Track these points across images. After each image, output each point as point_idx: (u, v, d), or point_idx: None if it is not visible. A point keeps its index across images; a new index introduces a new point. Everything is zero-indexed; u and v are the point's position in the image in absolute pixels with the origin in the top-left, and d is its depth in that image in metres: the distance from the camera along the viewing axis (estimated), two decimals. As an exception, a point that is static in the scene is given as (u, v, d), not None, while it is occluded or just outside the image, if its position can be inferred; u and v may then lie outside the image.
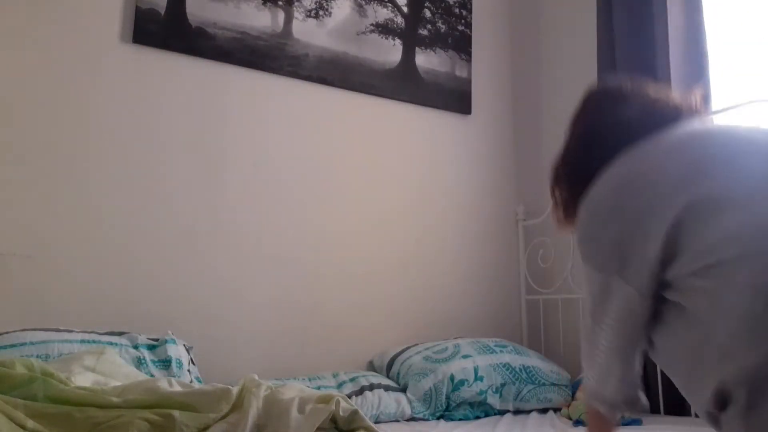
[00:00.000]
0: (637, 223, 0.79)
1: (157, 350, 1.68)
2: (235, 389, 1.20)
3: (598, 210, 0.87)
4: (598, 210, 0.87)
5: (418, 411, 1.84)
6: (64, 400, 1.11)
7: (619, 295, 0.82)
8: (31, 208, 1.79)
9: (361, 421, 1.18)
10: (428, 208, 2.51)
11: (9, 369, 1.15)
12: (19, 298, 1.74)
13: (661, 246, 0.75)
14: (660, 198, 0.77)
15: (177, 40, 2.05)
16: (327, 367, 2.15)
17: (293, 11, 2.28)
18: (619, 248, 0.81)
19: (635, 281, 0.79)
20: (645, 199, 0.79)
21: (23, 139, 1.81)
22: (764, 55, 1.94)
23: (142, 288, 1.91)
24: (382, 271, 2.36)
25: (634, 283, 0.79)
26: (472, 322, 2.52)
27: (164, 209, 1.98)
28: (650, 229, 0.76)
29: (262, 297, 2.10)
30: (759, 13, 1.98)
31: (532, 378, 1.99)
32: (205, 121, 2.09)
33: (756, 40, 1.97)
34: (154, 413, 1.09)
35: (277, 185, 2.19)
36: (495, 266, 2.64)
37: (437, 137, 2.59)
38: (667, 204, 0.75)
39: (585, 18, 2.56)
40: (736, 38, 2.04)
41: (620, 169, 0.87)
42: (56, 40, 1.88)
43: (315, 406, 1.17)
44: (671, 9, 2.05)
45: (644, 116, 0.94)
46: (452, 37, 2.67)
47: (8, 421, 1.03)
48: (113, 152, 1.93)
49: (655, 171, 0.82)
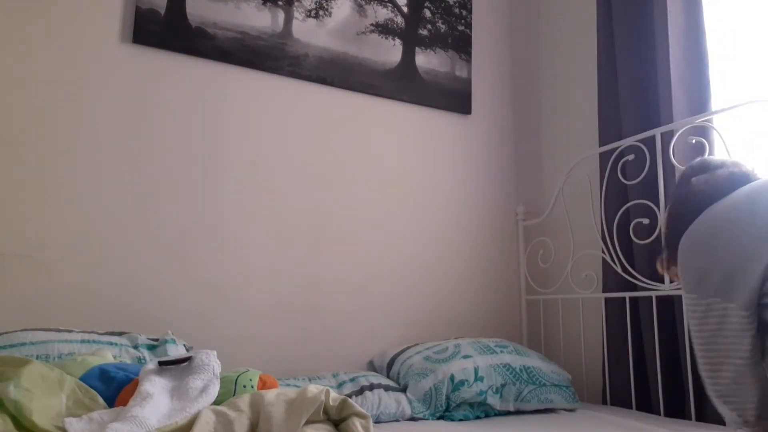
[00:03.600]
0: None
1: (157, 350, 1.69)
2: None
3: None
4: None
5: (418, 411, 1.84)
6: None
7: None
8: (31, 208, 1.79)
9: (351, 408, 1.18)
10: (428, 208, 2.51)
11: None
12: (19, 297, 1.74)
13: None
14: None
15: (177, 40, 2.05)
16: (327, 367, 2.15)
17: (293, 11, 2.28)
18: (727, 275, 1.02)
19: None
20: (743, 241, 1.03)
21: (23, 139, 1.81)
22: (764, 55, 1.94)
23: (142, 288, 1.91)
24: (382, 271, 2.36)
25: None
26: (472, 322, 2.52)
27: (164, 209, 1.98)
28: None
29: (262, 297, 2.10)
30: (759, 13, 1.98)
31: (533, 378, 1.99)
32: (204, 121, 2.09)
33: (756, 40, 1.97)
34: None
35: (277, 185, 2.19)
36: (495, 266, 2.64)
37: (437, 137, 2.59)
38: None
39: (585, 18, 2.57)
40: (736, 38, 2.04)
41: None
42: (56, 39, 1.88)
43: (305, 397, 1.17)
44: (671, 9, 2.05)
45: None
46: (452, 37, 2.67)
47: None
48: (113, 152, 1.93)
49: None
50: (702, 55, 2.01)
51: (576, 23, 2.65)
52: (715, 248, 1.05)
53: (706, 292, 1.03)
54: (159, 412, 1.16)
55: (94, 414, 1.17)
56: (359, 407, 1.19)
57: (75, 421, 1.13)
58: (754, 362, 0.98)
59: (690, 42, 2.05)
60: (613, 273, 2.18)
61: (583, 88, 2.58)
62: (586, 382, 2.33)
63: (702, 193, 1.18)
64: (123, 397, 1.27)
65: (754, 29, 1.99)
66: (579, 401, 2.04)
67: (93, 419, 1.14)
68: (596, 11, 2.37)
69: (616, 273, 2.15)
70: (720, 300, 1.00)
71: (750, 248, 0.99)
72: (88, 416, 1.15)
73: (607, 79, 2.30)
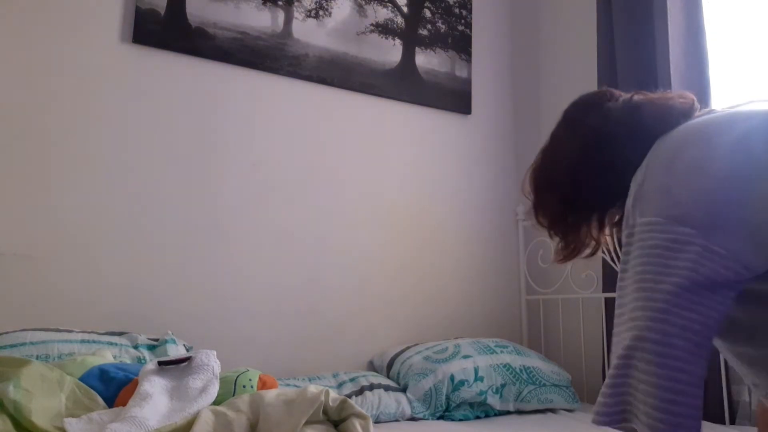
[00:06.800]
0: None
1: (157, 350, 1.69)
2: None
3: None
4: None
5: (418, 411, 1.84)
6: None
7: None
8: (31, 209, 1.79)
9: (351, 409, 1.18)
10: (428, 208, 2.51)
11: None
12: (19, 298, 1.74)
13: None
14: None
15: (177, 40, 2.05)
16: (327, 367, 2.15)
17: (293, 11, 2.28)
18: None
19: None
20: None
21: (23, 139, 1.81)
22: (764, 55, 1.94)
23: (142, 288, 1.91)
24: (382, 271, 2.36)
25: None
26: (472, 322, 2.52)
27: (164, 209, 1.98)
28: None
29: (262, 296, 2.10)
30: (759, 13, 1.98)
31: (533, 378, 1.99)
32: (204, 121, 2.09)
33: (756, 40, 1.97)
34: None
35: (277, 185, 2.19)
36: (495, 266, 2.64)
37: (437, 137, 2.59)
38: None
39: (585, 18, 2.57)
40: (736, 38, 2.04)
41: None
42: (56, 40, 1.88)
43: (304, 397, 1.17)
44: (671, 9, 2.05)
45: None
46: (452, 37, 2.67)
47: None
48: (113, 152, 1.93)
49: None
50: (702, 55, 2.01)
51: (576, 23, 2.65)
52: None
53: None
54: (158, 412, 1.16)
55: (93, 414, 1.17)
56: (359, 408, 1.19)
57: (74, 422, 1.13)
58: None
59: (690, 42, 2.04)
60: (613, 273, 2.18)
61: (583, 88, 2.56)
62: (586, 382, 2.32)
63: (648, 109, 0.91)
64: (122, 398, 1.27)
65: (754, 29, 1.99)
66: (579, 401, 2.04)
67: (92, 419, 1.15)
68: (596, 11, 2.36)
69: (616, 273, 2.15)
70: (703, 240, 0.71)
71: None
72: (87, 416, 1.16)
73: (607, 79, 2.29)
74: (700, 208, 0.72)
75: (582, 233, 0.98)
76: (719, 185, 0.72)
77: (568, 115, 1.01)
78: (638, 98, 0.95)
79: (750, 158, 0.73)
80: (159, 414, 1.16)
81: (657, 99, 0.94)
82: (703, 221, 0.72)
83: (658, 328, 0.70)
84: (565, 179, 0.97)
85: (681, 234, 0.72)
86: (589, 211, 0.97)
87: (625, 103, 0.95)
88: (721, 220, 0.71)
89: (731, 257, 0.70)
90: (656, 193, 0.77)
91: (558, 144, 1.01)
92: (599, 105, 0.97)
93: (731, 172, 0.73)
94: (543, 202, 1.00)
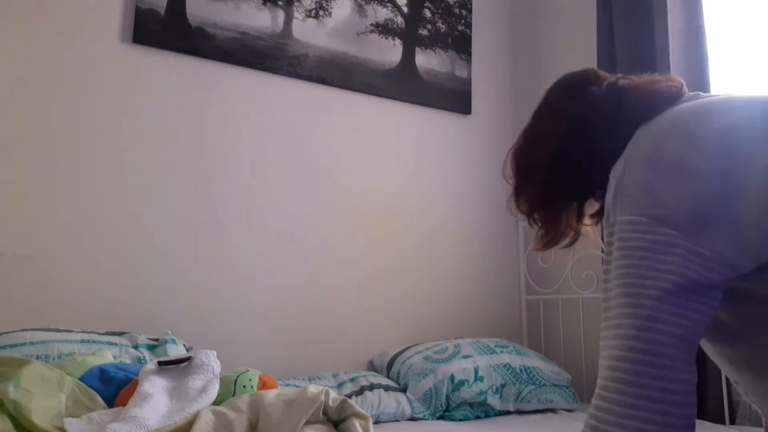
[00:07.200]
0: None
1: (157, 350, 1.69)
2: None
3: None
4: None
5: (418, 411, 1.84)
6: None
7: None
8: (32, 208, 1.79)
9: (351, 409, 1.18)
10: (428, 208, 2.51)
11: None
12: (19, 297, 1.74)
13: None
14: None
15: (177, 40, 2.05)
16: (327, 367, 2.15)
17: (293, 11, 2.28)
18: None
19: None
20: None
21: (23, 138, 1.81)
22: (764, 54, 1.94)
23: (143, 288, 1.91)
24: (382, 271, 2.36)
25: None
26: (472, 322, 2.52)
27: (164, 209, 1.98)
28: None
29: (263, 296, 2.10)
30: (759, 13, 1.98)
31: (533, 378, 1.99)
32: (204, 121, 2.09)
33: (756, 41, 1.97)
34: None
35: (277, 185, 2.19)
36: (495, 266, 2.64)
37: (437, 137, 2.59)
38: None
39: (585, 18, 2.56)
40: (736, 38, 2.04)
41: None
42: (56, 39, 1.88)
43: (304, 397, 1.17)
44: (671, 9, 2.05)
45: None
46: (452, 37, 2.67)
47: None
48: (113, 152, 1.93)
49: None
50: (702, 55, 2.01)
51: (576, 23, 2.65)
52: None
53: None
54: (158, 412, 1.16)
55: (93, 414, 1.17)
56: (359, 408, 1.19)
57: (74, 422, 1.13)
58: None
59: (690, 42, 2.04)
60: (613, 273, 2.17)
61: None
62: (586, 382, 2.32)
63: (631, 94, 0.87)
64: (122, 398, 1.27)
65: (753, 29, 1.99)
66: (579, 401, 2.04)
67: (92, 419, 1.15)
68: (596, 11, 2.36)
69: (616, 273, 2.14)
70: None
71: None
72: (87, 416, 1.15)
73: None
74: (684, 209, 0.70)
75: (562, 221, 0.97)
76: (702, 184, 0.70)
77: (551, 95, 0.98)
78: (623, 83, 0.91)
79: (733, 151, 0.70)
80: (159, 414, 1.16)
81: (642, 84, 0.90)
82: (686, 222, 0.70)
83: (646, 337, 0.68)
84: (545, 164, 0.94)
85: (664, 235, 0.70)
86: (568, 198, 0.96)
87: (609, 88, 0.92)
88: (705, 221, 0.69)
89: (716, 258, 0.68)
90: (637, 189, 0.74)
91: (539, 127, 0.98)
92: (582, 88, 0.94)
93: (714, 168, 0.70)
94: (523, 186, 0.98)
